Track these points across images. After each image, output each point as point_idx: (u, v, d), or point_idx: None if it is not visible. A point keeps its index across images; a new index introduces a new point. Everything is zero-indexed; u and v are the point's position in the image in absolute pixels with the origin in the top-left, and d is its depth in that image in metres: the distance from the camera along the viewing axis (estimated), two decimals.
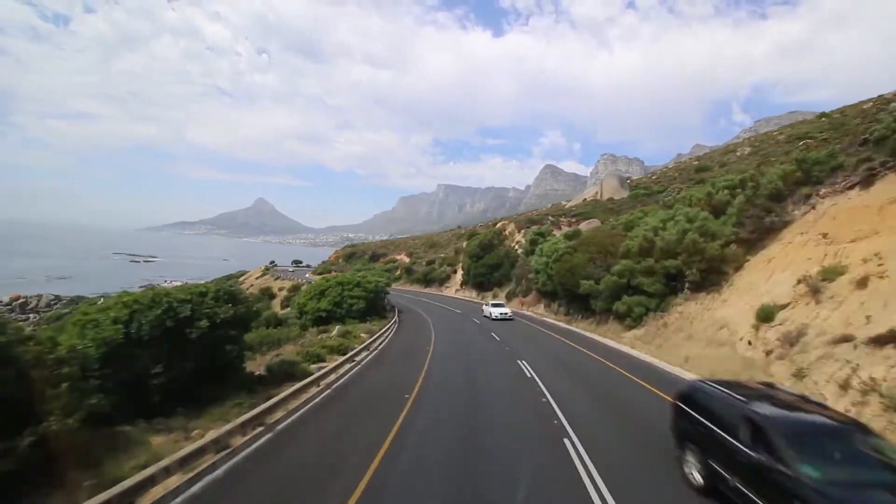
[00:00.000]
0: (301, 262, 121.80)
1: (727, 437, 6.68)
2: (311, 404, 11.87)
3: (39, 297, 59.90)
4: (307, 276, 69.41)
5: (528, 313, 36.80)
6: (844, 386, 10.30)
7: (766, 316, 14.76)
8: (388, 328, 26.22)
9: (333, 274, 41.07)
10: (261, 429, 9.52)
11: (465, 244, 60.58)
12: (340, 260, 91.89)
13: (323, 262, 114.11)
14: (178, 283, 22.93)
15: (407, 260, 77.54)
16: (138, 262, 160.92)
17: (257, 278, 74.35)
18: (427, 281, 62.86)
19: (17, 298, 57.33)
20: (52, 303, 57.58)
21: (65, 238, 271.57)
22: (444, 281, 60.54)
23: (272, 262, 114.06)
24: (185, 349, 10.91)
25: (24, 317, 51.27)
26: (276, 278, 67.00)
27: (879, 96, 55.19)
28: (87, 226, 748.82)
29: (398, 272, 70.38)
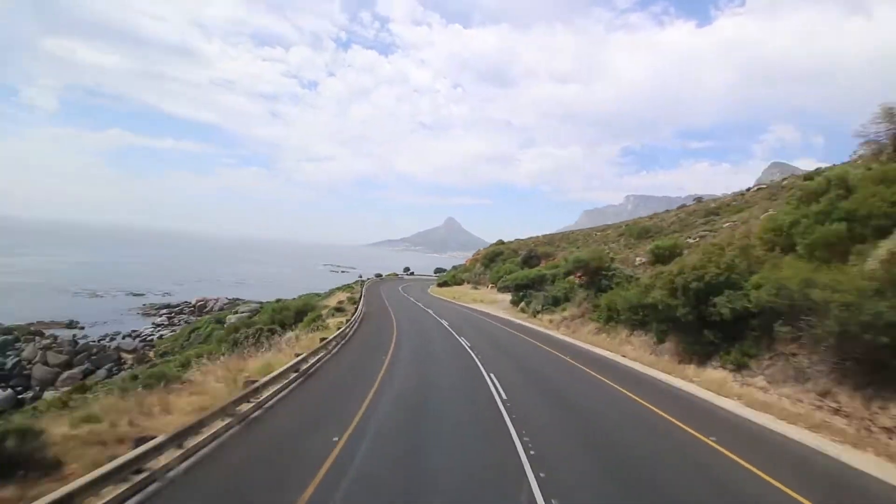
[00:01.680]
0: (409, 271, 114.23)
1: None
2: None
3: (217, 299, 63.35)
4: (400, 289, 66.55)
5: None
6: None
7: None
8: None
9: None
10: None
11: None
12: (478, 264, 77.54)
13: (454, 268, 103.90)
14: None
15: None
16: (337, 271, 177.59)
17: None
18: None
19: (202, 301, 62.08)
20: (225, 306, 59.58)
21: (298, 253, 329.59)
22: None
23: (406, 269, 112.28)
24: None
25: (183, 318, 54.68)
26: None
27: None
28: (318, 243, 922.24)
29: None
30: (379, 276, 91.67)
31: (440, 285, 73.52)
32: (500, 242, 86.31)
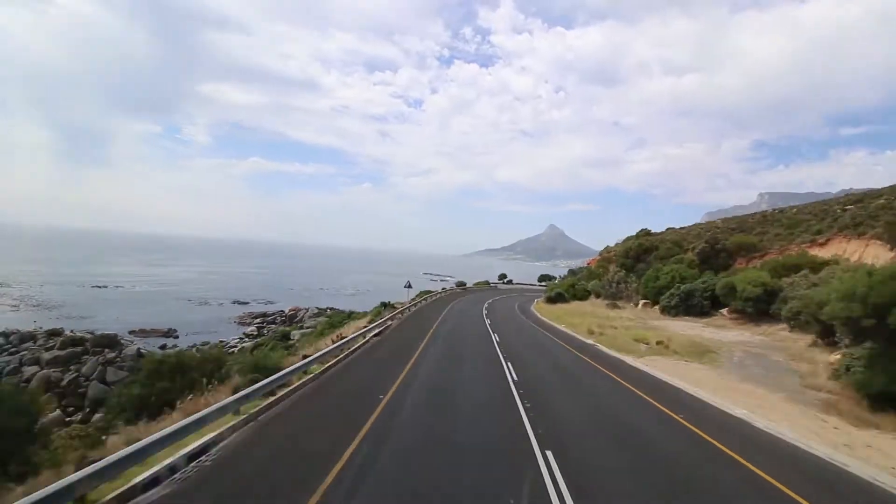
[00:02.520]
0: (507, 279, 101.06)
1: None
2: None
3: (307, 309, 61.55)
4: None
5: None
6: None
7: None
8: None
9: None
10: None
11: None
12: (612, 267, 56.02)
13: (572, 274, 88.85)
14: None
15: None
16: (435, 280, 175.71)
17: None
18: None
19: (294, 310, 60.87)
20: (315, 315, 57.15)
21: (403, 262, 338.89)
22: None
23: (503, 276, 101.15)
24: None
25: (271, 327, 52.56)
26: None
27: None
28: (423, 253, 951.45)
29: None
30: (462, 285, 73.15)
31: (550, 300, 53.88)
32: (646, 233, 67.15)
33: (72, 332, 36.12)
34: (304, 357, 15.93)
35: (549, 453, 8.96)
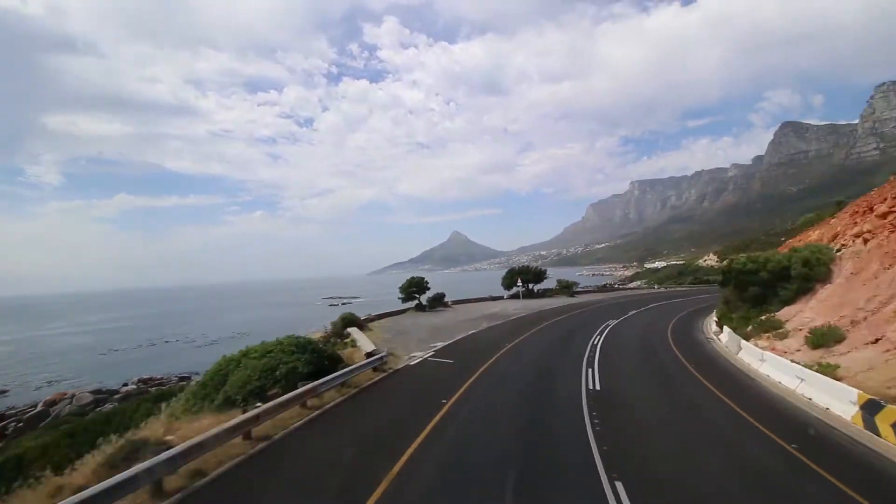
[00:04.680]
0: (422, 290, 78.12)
1: None
2: None
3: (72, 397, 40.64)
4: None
5: None
6: None
7: None
8: None
9: None
10: None
11: None
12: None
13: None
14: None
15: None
16: (337, 304, 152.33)
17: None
18: None
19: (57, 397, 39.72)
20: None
21: (299, 290, 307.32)
22: None
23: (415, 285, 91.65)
24: None
25: None
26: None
27: None
28: (325, 277, 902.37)
29: None
30: (433, 301, 48.94)
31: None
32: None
33: None
34: None
35: None
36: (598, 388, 15.40)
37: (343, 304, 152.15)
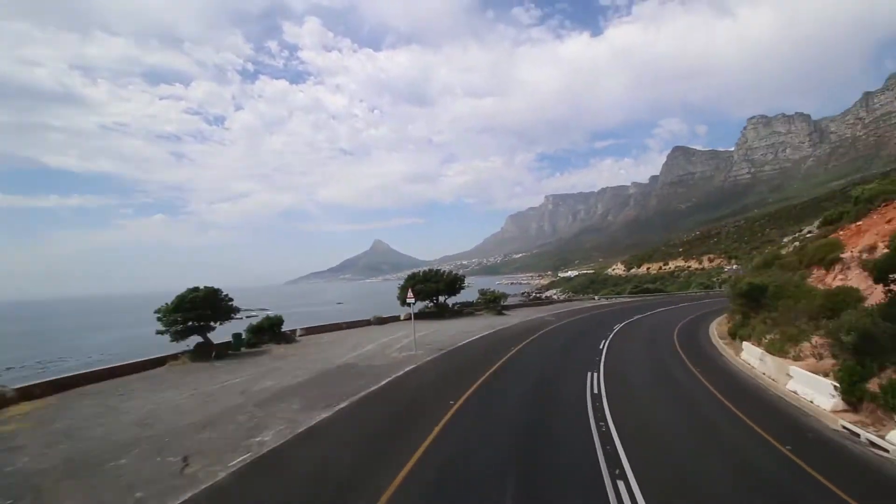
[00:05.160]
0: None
1: None
2: None
3: None
4: None
5: None
6: None
7: None
8: None
9: None
10: None
11: None
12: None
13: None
14: None
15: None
16: (241, 318, 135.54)
17: None
18: None
19: None
20: None
21: None
22: None
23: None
24: None
25: None
26: None
27: None
28: (238, 287, 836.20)
29: None
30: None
31: None
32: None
33: None
34: None
35: None
36: None
37: (248, 317, 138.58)
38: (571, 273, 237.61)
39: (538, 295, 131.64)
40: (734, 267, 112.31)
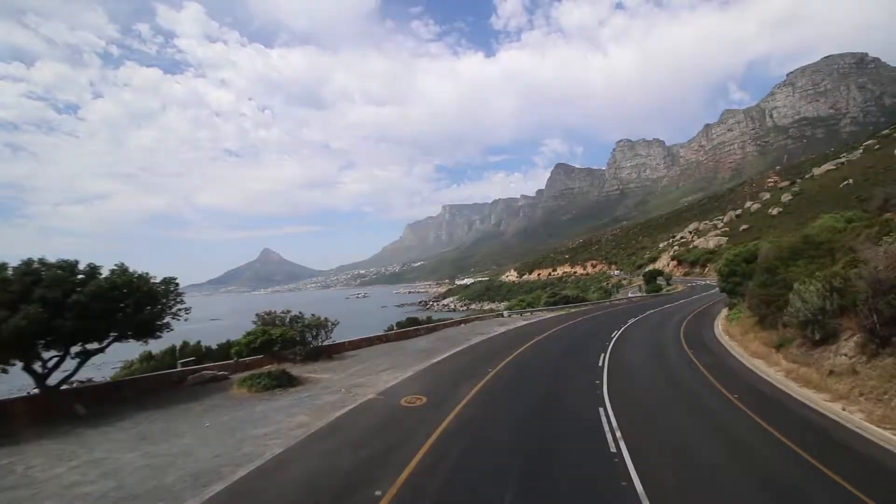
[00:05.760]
0: None
1: None
2: None
3: None
4: None
5: None
6: None
7: None
8: None
9: None
10: None
11: None
12: None
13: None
14: None
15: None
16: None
17: None
18: None
19: None
20: None
21: None
22: None
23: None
24: None
25: None
26: None
27: None
28: None
29: None
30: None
31: None
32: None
33: None
34: None
35: None
36: None
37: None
38: (468, 280, 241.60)
39: (428, 304, 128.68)
40: (617, 272, 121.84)
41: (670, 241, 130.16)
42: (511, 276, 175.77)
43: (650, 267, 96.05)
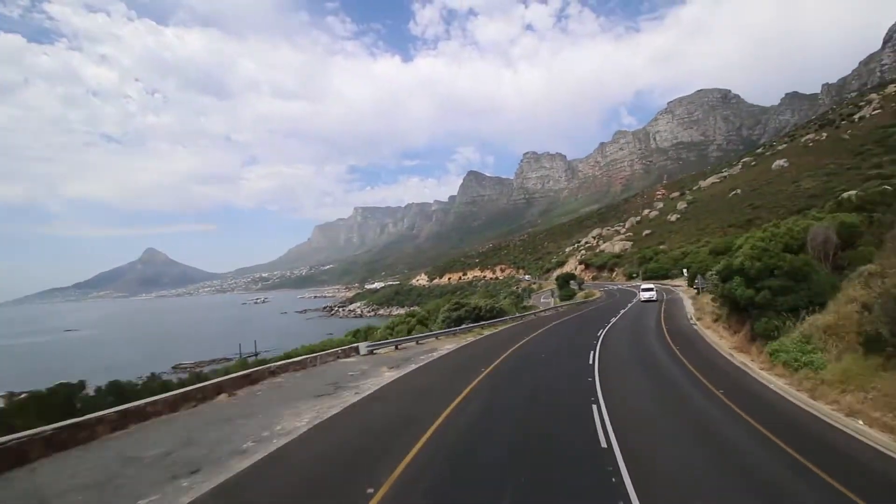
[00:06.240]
0: None
1: None
2: None
3: None
4: None
5: None
6: None
7: None
8: None
9: None
10: None
11: None
12: None
13: None
14: None
15: None
16: None
17: None
18: None
19: None
20: None
21: None
22: None
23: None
24: None
25: None
26: None
27: None
28: None
29: None
30: None
31: None
32: None
33: None
34: None
35: None
36: None
37: None
38: (378, 285, 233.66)
39: (333, 310, 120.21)
40: (525, 277, 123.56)
41: (575, 245, 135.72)
42: (422, 280, 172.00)
43: (559, 271, 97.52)
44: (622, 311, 39.59)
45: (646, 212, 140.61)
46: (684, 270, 56.00)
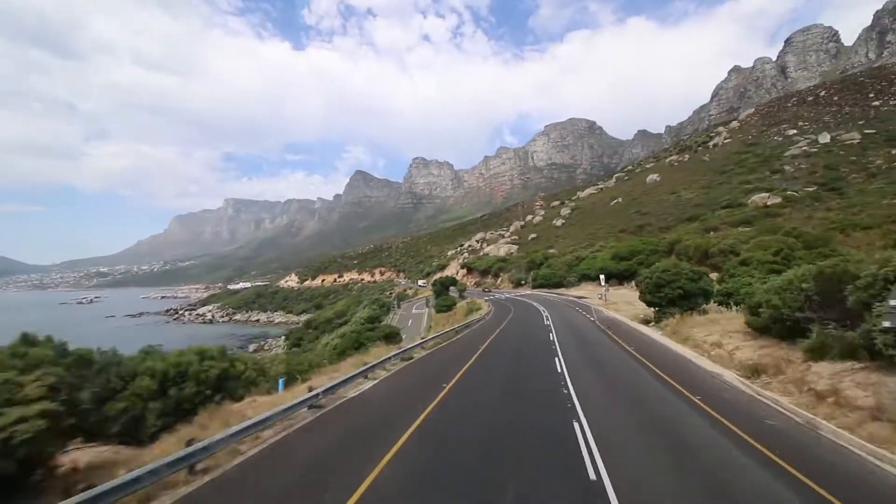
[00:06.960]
0: None
1: None
2: None
3: None
4: None
5: None
6: None
7: None
8: None
9: None
10: None
11: None
12: None
13: None
14: None
15: None
16: None
17: None
18: None
19: None
20: None
21: None
22: None
23: None
24: None
25: None
26: None
27: None
28: None
29: None
30: None
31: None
32: None
33: None
34: None
35: None
36: None
37: None
38: (242, 285, 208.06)
39: (178, 314, 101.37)
40: (404, 280, 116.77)
41: (458, 249, 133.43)
42: (291, 281, 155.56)
43: (440, 275, 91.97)
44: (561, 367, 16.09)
45: (529, 217, 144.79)
46: (601, 277, 50.10)
